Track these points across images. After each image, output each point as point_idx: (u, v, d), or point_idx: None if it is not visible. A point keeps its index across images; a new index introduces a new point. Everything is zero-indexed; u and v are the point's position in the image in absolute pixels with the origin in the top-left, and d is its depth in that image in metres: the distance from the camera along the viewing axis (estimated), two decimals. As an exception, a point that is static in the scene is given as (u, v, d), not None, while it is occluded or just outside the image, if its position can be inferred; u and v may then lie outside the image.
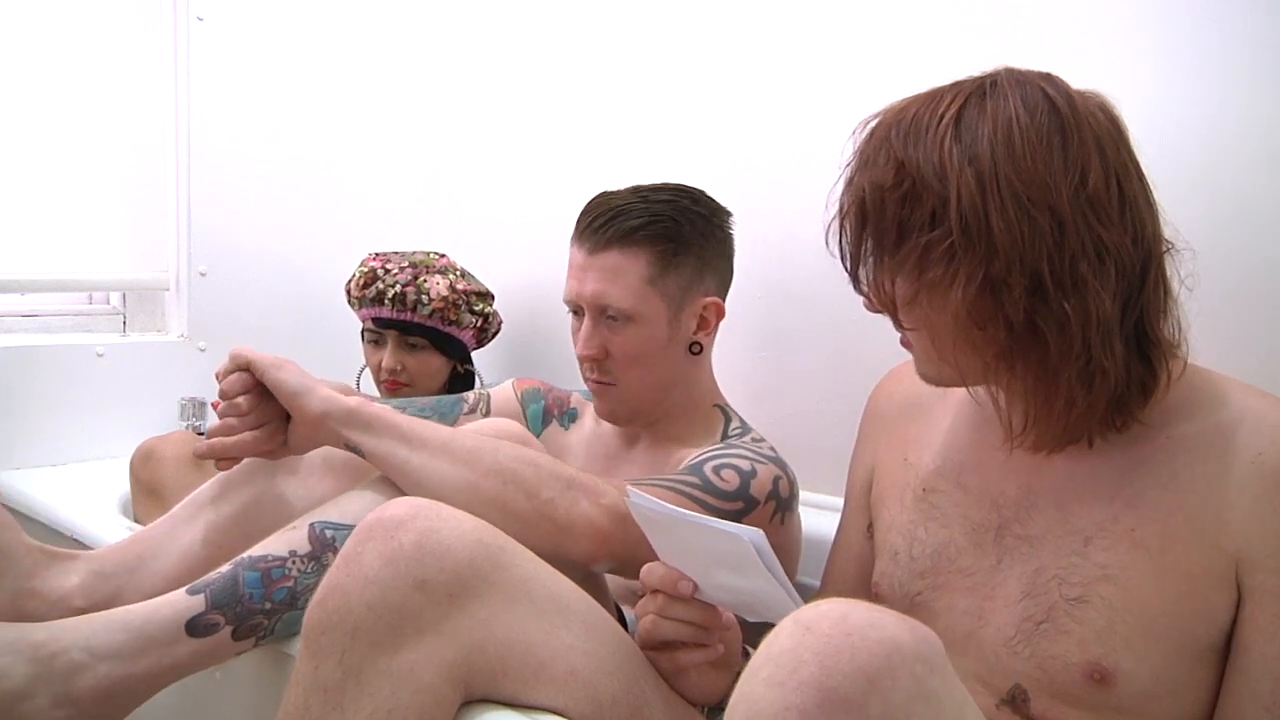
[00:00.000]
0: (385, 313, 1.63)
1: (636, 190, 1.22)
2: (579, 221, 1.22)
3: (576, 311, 1.23)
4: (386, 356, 1.65)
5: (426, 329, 1.64)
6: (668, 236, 1.18)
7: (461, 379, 1.73)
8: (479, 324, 1.69)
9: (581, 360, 1.22)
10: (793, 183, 1.49)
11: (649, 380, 1.21)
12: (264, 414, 1.04)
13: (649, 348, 1.19)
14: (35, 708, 0.83)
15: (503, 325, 1.78)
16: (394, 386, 1.66)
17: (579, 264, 1.20)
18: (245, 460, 1.08)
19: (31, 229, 1.81)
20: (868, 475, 1.02)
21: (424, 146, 2.10)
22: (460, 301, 1.65)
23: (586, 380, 1.25)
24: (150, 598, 0.97)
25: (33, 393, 1.69)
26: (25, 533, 1.00)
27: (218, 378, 1.05)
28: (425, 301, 1.62)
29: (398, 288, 1.62)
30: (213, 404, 1.70)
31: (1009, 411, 0.83)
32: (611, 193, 1.23)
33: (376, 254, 1.71)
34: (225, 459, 1.05)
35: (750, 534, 0.76)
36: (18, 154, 1.78)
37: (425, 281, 1.63)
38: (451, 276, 1.67)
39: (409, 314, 1.63)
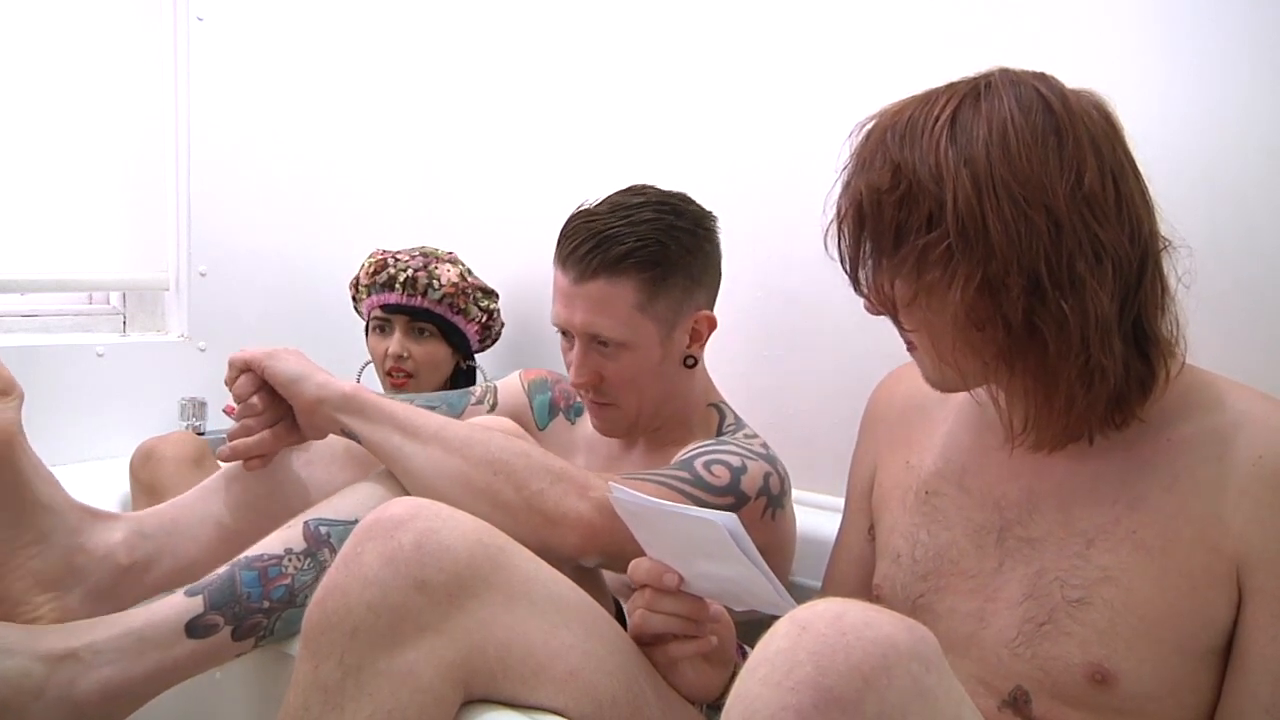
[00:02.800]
0: (395, 298, 1.64)
1: (616, 209, 1.16)
2: (560, 245, 1.18)
3: (566, 333, 1.22)
4: (393, 342, 1.65)
5: (435, 315, 1.65)
6: (655, 261, 1.14)
7: (465, 375, 1.73)
8: (484, 320, 1.70)
9: (574, 386, 1.22)
10: (792, 183, 1.49)
11: (645, 398, 1.21)
12: (279, 410, 1.06)
13: (643, 370, 1.18)
14: (43, 708, 0.83)
15: (504, 327, 1.79)
16: (399, 375, 1.65)
17: (565, 291, 1.17)
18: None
19: (31, 229, 1.80)
20: (869, 477, 1.02)
21: (424, 146, 2.10)
22: (470, 290, 1.66)
23: (582, 399, 1.25)
24: (186, 561, 1.02)
25: (33, 393, 1.66)
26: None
27: (228, 385, 1.07)
28: (436, 286, 1.63)
29: (409, 272, 1.63)
30: (225, 409, 1.71)
31: (1009, 411, 0.83)
32: (591, 213, 1.18)
33: (384, 250, 1.72)
34: (250, 458, 1.06)
35: (724, 519, 0.77)
36: (17, 154, 1.78)
37: (436, 268, 1.65)
38: (460, 268, 1.68)
39: (419, 299, 1.64)
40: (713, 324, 1.24)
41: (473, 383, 1.72)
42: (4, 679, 0.82)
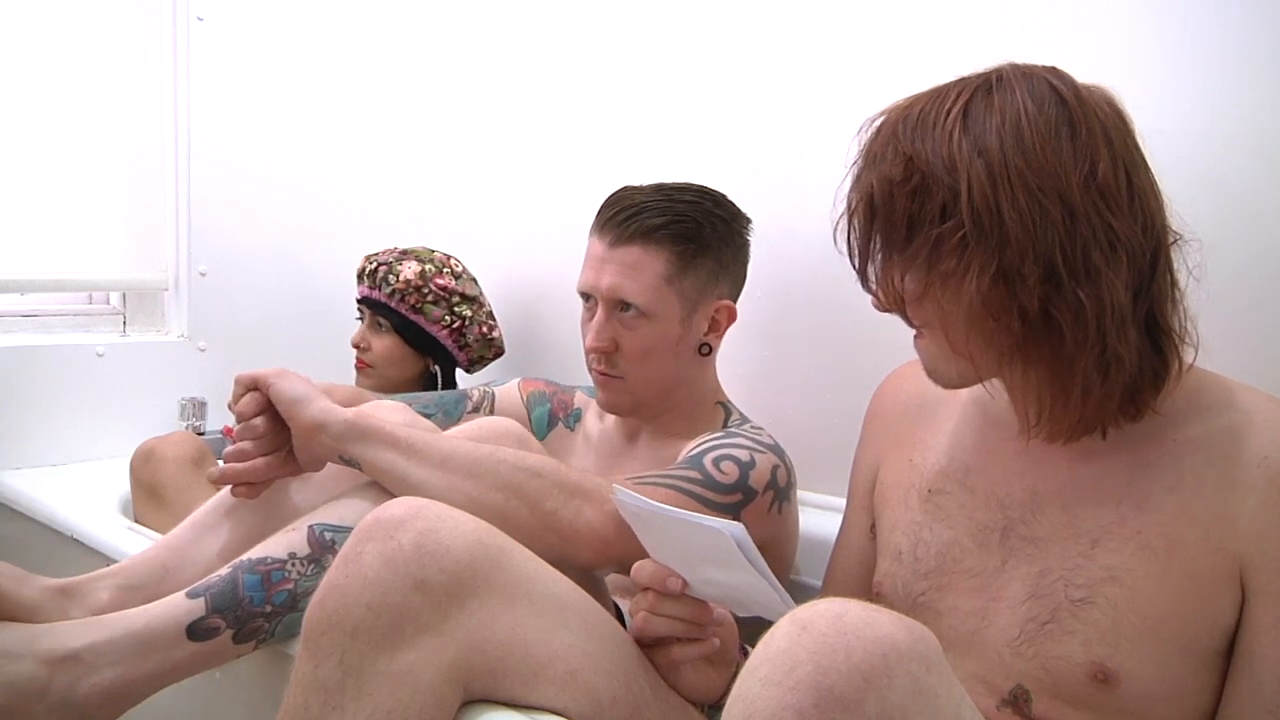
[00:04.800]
0: (363, 289, 1.70)
1: (660, 188, 1.22)
2: (600, 213, 1.22)
3: (588, 299, 1.23)
4: (357, 332, 1.71)
5: (391, 310, 1.67)
6: (689, 237, 1.18)
7: (431, 380, 1.73)
8: (454, 325, 1.69)
9: (589, 351, 1.22)
10: (796, 183, 1.49)
11: (655, 376, 1.21)
12: (279, 439, 1.03)
13: (659, 345, 1.19)
14: (45, 710, 0.83)
15: (503, 350, 1.78)
16: (359, 365, 1.70)
17: (598, 255, 1.20)
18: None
19: (31, 229, 1.80)
20: (871, 476, 1.02)
21: (424, 146, 2.10)
22: (427, 290, 1.66)
23: (591, 371, 1.24)
24: None
25: (33, 393, 1.69)
26: (38, 573, 0.97)
27: (231, 408, 1.04)
28: (390, 281, 1.66)
29: (374, 265, 1.68)
30: (224, 430, 1.72)
31: (1024, 403, 0.83)
32: (635, 188, 1.23)
33: (390, 248, 1.74)
34: (240, 484, 1.03)
35: (731, 528, 0.76)
36: (17, 154, 1.78)
37: (400, 264, 1.67)
38: (429, 267, 1.68)
39: (377, 291, 1.67)
40: (733, 316, 1.25)
41: (437, 389, 1.72)
42: (10, 684, 0.82)
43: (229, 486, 1.06)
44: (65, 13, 1.81)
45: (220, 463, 1.07)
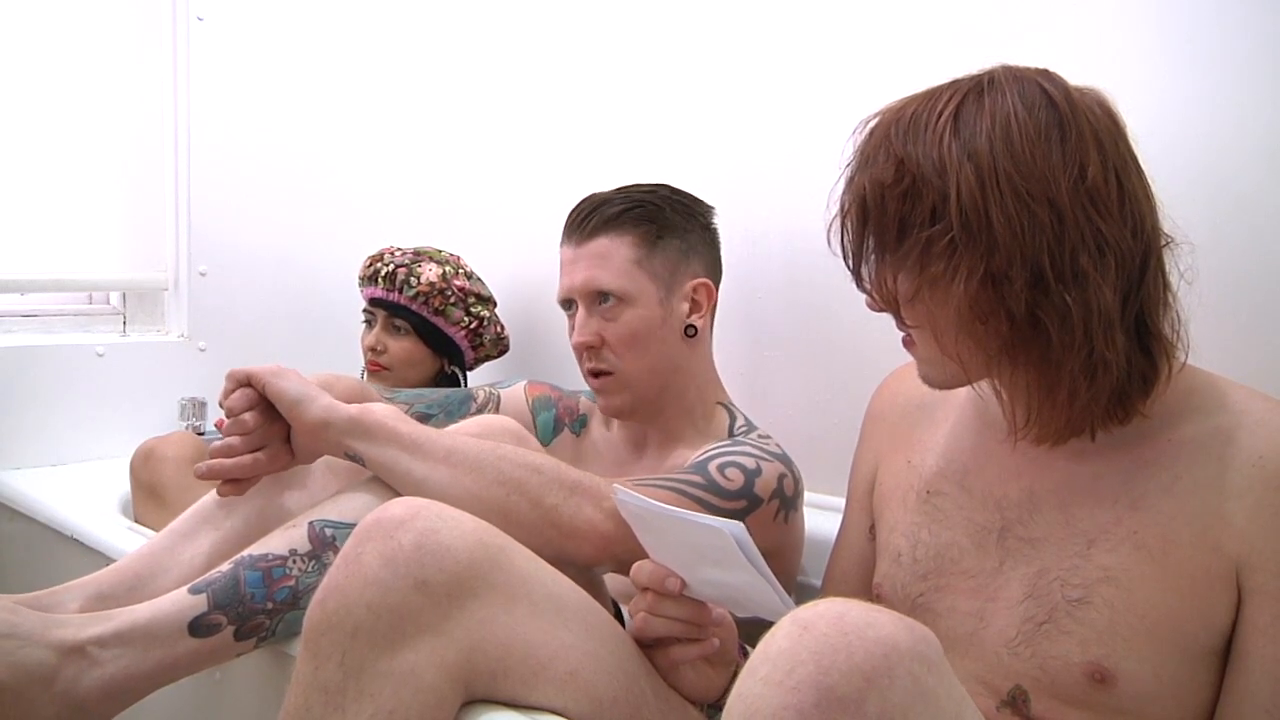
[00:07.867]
0: (377, 292, 1.67)
1: (619, 188, 1.26)
2: (566, 223, 1.25)
3: (569, 307, 1.25)
4: (371, 335, 1.69)
5: (411, 313, 1.66)
6: (650, 219, 1.22)
7: (448, 380, 1.73)
8: (472, 325, 1.69)
9: (578, 349, 1.23)
10: (792, 183, 1.49)
11: (646, 364, 1.21)
12: (268, 434, 1.02)
13: (643, 330, 1.20)
14: (49, 699, 0.83)
15: (509, 346, 1.78)
16: (374, 368, 1.68)
17: (568, 259, 1.24)
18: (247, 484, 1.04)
19: (31, 229, 1.81)
20: (870, 477, 1.02)
21: (424, 146, 2.10)
22: (449, 292, 1.66)
23: (585, 375, 1.25)
24: None
25: (33, 393, 1.69)
26: (39, 574, 0.96)
27: (221, 404, 1.03)
28: (412, 284, 1.64)
29: (391, 267, 1.66)
30: (216, 423, 1.71)
31: (1012, 405, 0.83)
32: (594, 193, 1.27)
33: (389, 246, 1.73)
34: (226, 481, 1.02)
35: (731, 527, 0.76)
36: (17, 154, 1.78)
37: (419, 266, 1.66)
38: (448, 269, 1.68)
39: (396, 294, 1.65)
40: (712, 294, 1.27)
41: (460, 387, 1.72)
42: (21, 666, 0.83)
43: (210, 494, 1.05)
44: (65, 13, 1.81)
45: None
